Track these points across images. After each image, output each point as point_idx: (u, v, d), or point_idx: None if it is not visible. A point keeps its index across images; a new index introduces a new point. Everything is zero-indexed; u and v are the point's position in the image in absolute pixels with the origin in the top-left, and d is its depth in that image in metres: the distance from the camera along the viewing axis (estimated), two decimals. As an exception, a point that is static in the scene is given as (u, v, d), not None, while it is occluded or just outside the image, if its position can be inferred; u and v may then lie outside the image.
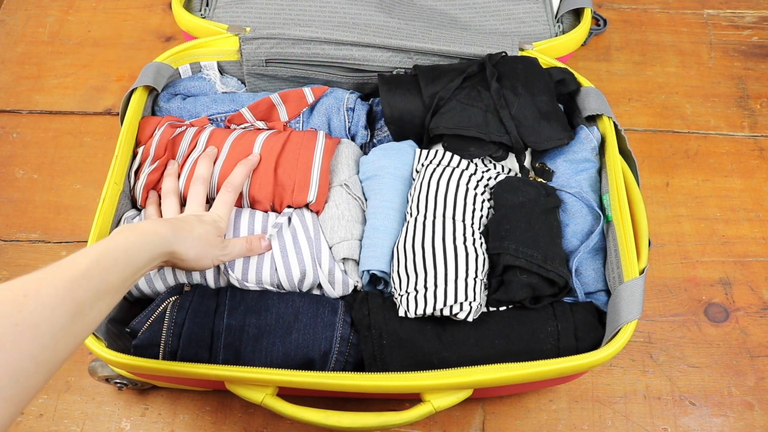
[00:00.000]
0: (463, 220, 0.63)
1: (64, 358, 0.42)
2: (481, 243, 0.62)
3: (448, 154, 0.67)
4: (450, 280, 0.59)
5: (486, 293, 0.62)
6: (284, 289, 0.63)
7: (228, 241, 0.61)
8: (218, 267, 0.62)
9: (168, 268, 0.63)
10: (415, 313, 0.59)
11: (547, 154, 0.70)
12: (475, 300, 0.59)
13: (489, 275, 0.62)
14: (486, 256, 0.62)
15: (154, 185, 0.67)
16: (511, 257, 0.59)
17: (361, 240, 0.65)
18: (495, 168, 0.68)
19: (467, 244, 0.61)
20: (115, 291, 0.47)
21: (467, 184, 0.65)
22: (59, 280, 0.43)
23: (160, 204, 0.66)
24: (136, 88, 0.70)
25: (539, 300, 0.61)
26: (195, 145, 0.68)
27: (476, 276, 0.60)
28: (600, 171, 0.69)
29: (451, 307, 0.59)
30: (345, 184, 0.67)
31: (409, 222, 0.64)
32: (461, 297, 0.59)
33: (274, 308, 0.61)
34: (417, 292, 0.60)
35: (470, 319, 0.59)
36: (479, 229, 0.64)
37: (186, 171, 0.66)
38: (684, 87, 0.92)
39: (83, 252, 0.47)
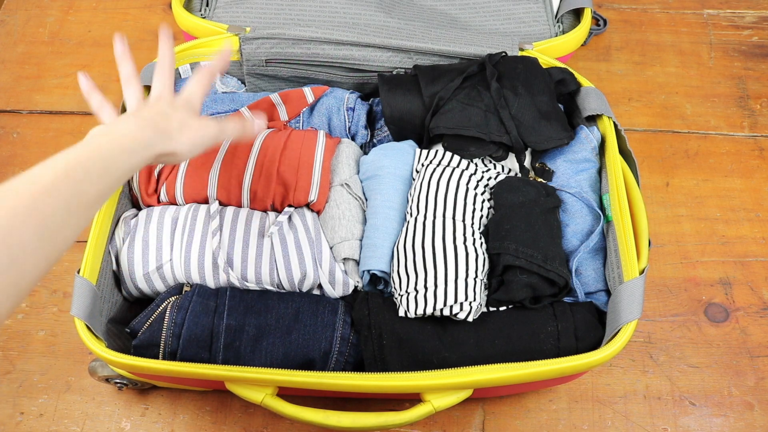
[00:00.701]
0: (463, 220, 0.63)
1: (32, 281, 0.39)
2: (481, 243, 0.62)
3: (448, 154, 0.67)
4: (450, 280, 0.59)
5: (486, 293, 0.62)
6: (284, 289, 0.63)
7: (214, 118, 0.55)
8: (218, 264, 0.62)
9: (167, 268, 0.63)
10: (416, 313, 0.59)
11: (547, 154, 0.70)
12: (475, 300, 0.59)
13: (489, 275, 0.62)
14: (486, 256, 0.62)
15: (148, 168, 0.66)
16: (511, 257, 0.59)
17: (361, 240, 0.65)
18: (495, 168, 0.68)
19: (467, 244, 0.61)
20: (91, 204, 0.44)
21: (467, 184, 0.65)
22: (18, 199, 0.39)
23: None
24: (136, 88, 0.70)
25: (539, 300, 0.61)
26: None
27: (476, 276, 0.60)
28: (600, 171, 0.69)
29: (451, 307, 0.59)
30: (345, 183, 0.67)
31: (409, 222, 0.64)
32: (461, 297, 0.59)
33: (274, 308, 0.61)
34: (417, 292, 0.60)
35: (470, 319, 0.59)
36: (479, 229, 0.64)
37: (182, 172, 0.66)
38: (684, 87, 0.92)
39: (49, 162, 0.42)
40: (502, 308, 0.61)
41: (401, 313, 0.60)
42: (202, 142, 0.54)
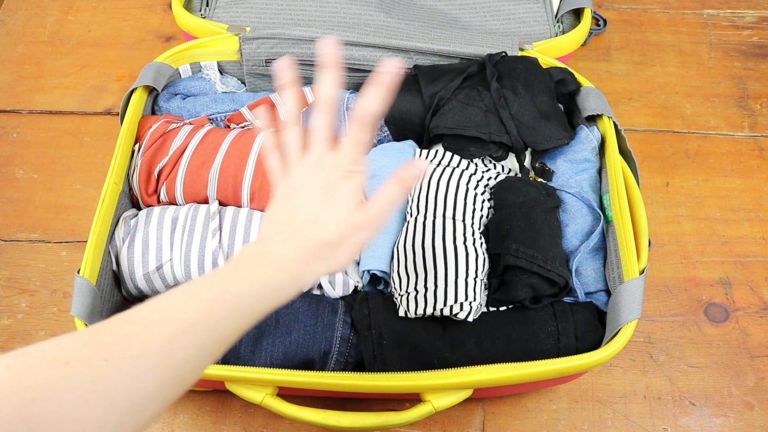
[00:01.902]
0: (463, 220, 0.63)
1: (143, 427, 0.33)
2: (482, 243, 0.62)
3: (448, 154, 0.67)
4: (450, 280, 0.59)
5: (486, 293, 0.62)
6: (284, 289, 0.63)
7: (374, 202, 0.45)
8: (218, 264, 0.62)
9: (167, 268, 0.63)
10: (415, 313, 0.59)
11: (547, 154, 0.70)
12: (475, 300, 0.59)
13: (489, 275, 0.62)
14: (486, 256, 0.62)
15: (148, 167, 0.66)
16: (511, 257, 0.59)
17: (361, 240, 0.65)
18: (495, 168, 0.68)
19: (467, 244, 0.61)
20: (222, 347, 0.38)
21: (467, 184, 0.65)
22: (153, 339, 0.34)
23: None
24: (136, 88, 0.70)
25: (539, 300, 0.61)
26: (189, 142, 0.68)
27: (476, 276, 0.60)
28: (600, 171, 0.69)
29: (451, 307, 0.59)
30: (345, 184, 0.67)
31: (409, 222, 0.64)
32: (461, 297, 0.59)
33: (274, 308, 0.61)
34: (417, 292, 0.60)
35: (470, 319, 0.59)
36: (479, 229, 0.64)
37: (182, 172, 0.66)
38: (684, 87, 0.92)
39: (191, 293, 0.37)
40: (502, 308, 0.61)
41: (401, 313, 0.60)
42: (362, 248, 0.45)
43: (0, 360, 0.30)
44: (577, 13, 0.85)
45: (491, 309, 0.61)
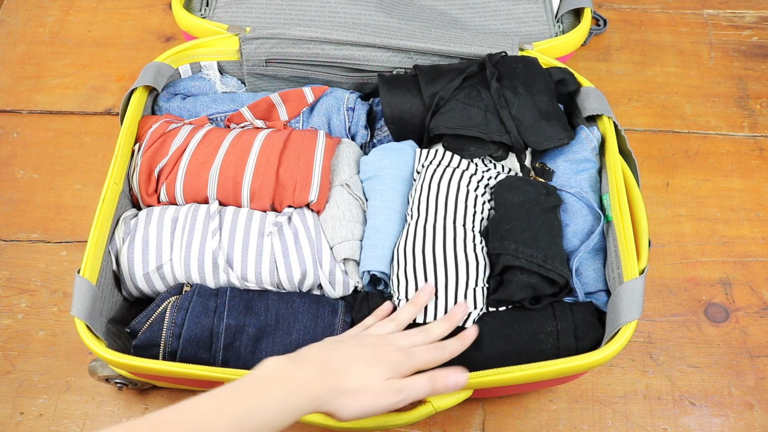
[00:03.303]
0: (464, 225, 0.63)
1: None
2: (482, 248, 0.62)
3: (449, 154, 0.67)
4: (450, 290, 0.59)
5: (485, 296, 0.62)
6: (284, 289, 0.63)
7: (400, 384, 0.50)
8: (218, 264, 0.62)
9: (167, 268, 0.63)
10: (414, 321, 0.59)
11: (547, 154, 0.70)
12: (476, 308, 0.59)
13: (488, 276, 0.62)
14: (486, 260, 0.62)
15: (148, 167, 0.66)
16: (511, 257, 0.59)
17: (361, 240, 0.65)
18: (495, 168, 0.68)
19: (468, 251, 0.61)
20: None
21: (467, 185, 0.65)
22: None
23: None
24: (136, 88, 0.70)
25: (539, 300, 0.61)
26: (189, 142, 0.68)
27: (476, 285, 0.60)
28: (600, 171, 0.69)
29: None
30: (346, 183, 0.67)
31: (409, 225, 0.63)
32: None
33: (274, 308, 0.61)
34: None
35: (468, 324, 0.59)
36: (480, 231, 0.64)
37: (182, 172, 0.66)
38: (684, 87, 0.92)
39: (225, 406, 0.41)
40: (501, 308, 0.61)
41: (401, 314, 0.60)
42: (371, 412, 0.49)
43: None
44: (577, 13, 0.85)
45: (491, 309, 0.61)
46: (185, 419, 0.40)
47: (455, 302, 0.59)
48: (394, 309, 0.59)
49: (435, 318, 0.59)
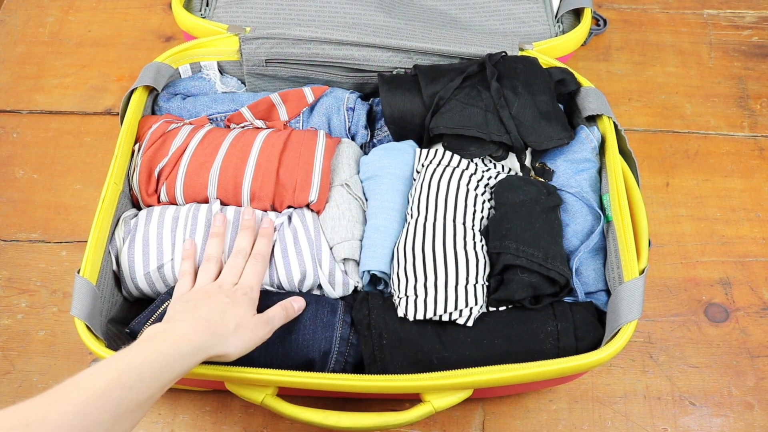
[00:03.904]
0: (464, 223, 0.63)
1: None
2: (482, 246, 0.62)
3: (449, 154, 0.67)
4: (450, 286, 0.59)
5: (485, 294, 0.62)
6: (284, 290, 0.63)
7: (266, 316, 0.56)
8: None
9: (167, 268, 0.63)
10: (415, 318, 0.59)
11: (547, 154, 0.70)
12: (476, 304, 0.59)
13: (489, 275, 0.62)
14: (486, 258, 0.62)
15: (148, 167, 0.67)
16: (511, 256, 0.59)
17: (361, 240, 0.65)
18: (495, 167, 0.68)
19: (467, 248, 0.61)
20: (140, 407, 0.44)
21: (467, 185, 0.65)
22: (69, 404, 0.39)
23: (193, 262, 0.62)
24: (136, 88, 0.70)
25: (539, 300, 0.61)
26: (189, 142, 0.68)
27: (476, 282, 0.60)
28: (600, 171, 0.69)
29: (451, 314, 0.59)
30: (346, 183, 0.67)
31: (409, 224, 0.63)
32: (461, 304, 0.59)
33: (274, 308, 0.61)
34: (417, 296, 0.60)
35: (470, 323, 0.59)
36: (480, 230, 0.64)
37: (182, 172, 0.66)
38: (684, 87, 0.92)
39: (103, 366, 0.43)
40: (501, 308, 0.61)
41: (400, 315, 0.60)
42: (254, 343, 0.55)
43: None
44: (577, 13, 0.85)
45: (491, 309, 0.61)
46: (68, 383, 0.42)
47: (455, 298, 0.59)
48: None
49: (434, 314, 0.59)
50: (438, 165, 0.66)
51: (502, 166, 0.69)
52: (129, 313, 0.65)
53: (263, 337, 0.55)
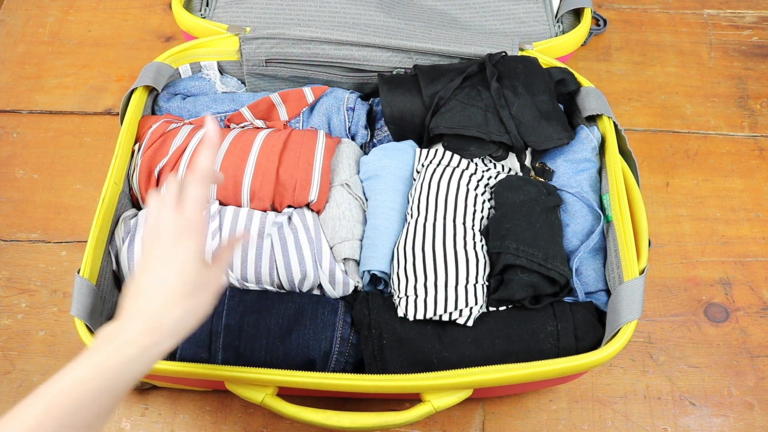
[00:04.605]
0: (464, 223, 0.63)
1: None
2: (482, 246, 0.62)
3: (449, 154, 0.67)
4: (450, 286, 0.59)
5: (485, 294, 0.62)
6: (284, 289, 0.63)
7: (211, 269, 0.49)
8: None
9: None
10: (415, 317, 0.59)
11: (547, 154, 0.70)
12: (476, 304, 0.59)
13: (489, 275, 0.62)
14: (486, 258, 0.62)
15: (148, 167, 0.66)
16: (511, 256, 0.59)
17: (361, 240, 0.65)
18: (495, 167, 0.68)
19: (467, 248, 0.61)
20: (90, 427, 0.41)
21: (467, 184, 0.65)
22: None
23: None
24: (136, 88, 0.70)
25: (539, 300, 0.61)
26: (189, 142, 0.68)
27: (476, 282, 0.60)
28: (600, 171, 0.69)
29: (450, 313, 0.59)
30: (346, 183, 0.67)
31: (409, 223, 0.63)
32: (461, 304, 0.59)
33: (273, 308, 0.61)
34: (417, 296, 0.60)
35: (470, 323, 0.59)
36: (480, 230, 0.64)
37: (182, 172, 0.66)
38: (684, 87, 0.92)
39: (36, 396, 0.40)
40: (501, 308, 0.61)
41: (400, 314, 0.60)
42: (207, 306, 0.49)
43: None
44: (577, 13, 0.85)
45: (491, 309, 0.61)
46: (5, 416, 0.40)
47: (455, 298, 0.59)
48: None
49: (434, 314, 0.59)
50: (438, 165, 0.66)
51: (502, 166, 0.69)
52: (129, 313, 0.65)
53: (214, 297, 0.49)
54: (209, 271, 0.49)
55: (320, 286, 0.63)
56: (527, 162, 0.69)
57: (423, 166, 0.67)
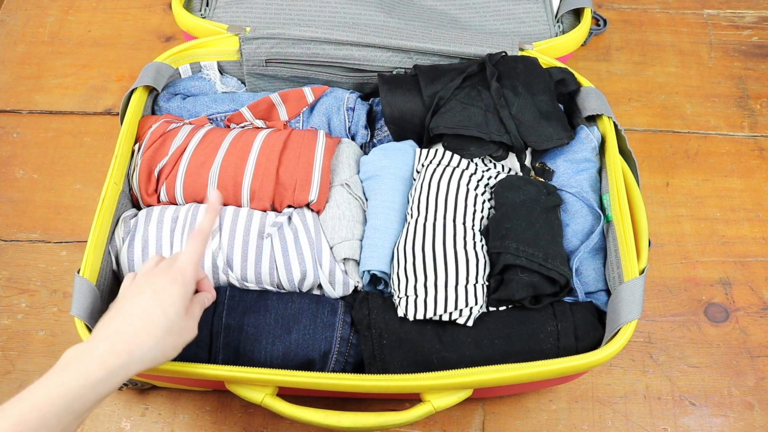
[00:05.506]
0: (464, 223, 0.63)
1: None
2: (482, 246, 0.62)
3: (449, 154, 0.67)
4: (450, 285, 0.59)
5: (485, 294, 0.62)
6: (284, 289, 0.63)
7: (188, 321, 0.52)
8: (218, 266, 0.62)
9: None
10: (415, 317, 0.59)
11: (547, 154, 0.70)
12: (476, 304, 0.59)
13: (489, 275, 0.62)
14: (486, 258, 0.62)
15: (148, 167, 0.66)
16: (512, 256, 0.59)
17: (361, 240, 0.65)
18: (495, 167, 0.68)
19: (467, 248, 0.61)
20: None
21: (467, 184, 0.65)
22: None
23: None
24: (136, 88, 0.70)
25: (539, 300, 0.61)
26: (189, 142, 0.68)
27: (476, 282, 0.60)
28: (600, 171, 0.69)
29: (450, 313, 0.59)
30: (346, 183, 0.67)
31: (409, 223, 0.64)
32: (461, 304, 0.59)
33: (273, 308, 0.61)
34: (417, 296, 0.60)
35: (470, 323, 0.59)
36: (480, 230, 0.64)
37: (182, 171, 0.66)
38: (684, 87, 0.92)
39: (4, 411, 0.42)
40: (501, 308, 0.61)
41: (400, 314, 0.60)
42: (182, 345, 0.51)
43: None
44: (577, 13, 0.85)
45: (491, 309, 0.61)
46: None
47: (455, 298, 0.59)
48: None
49: (434, 314, 0.59)
50: (438, 165, 0.66)
51: (502, 166, 0.69)
52: (129, 313, 0.65)
53: (192, 330, 0.52)
54: (187, 321, 0.52)
55: (320, 286, 0.63)
56: (527, 162, 0.69)
57: (423, 166, 0.67)
